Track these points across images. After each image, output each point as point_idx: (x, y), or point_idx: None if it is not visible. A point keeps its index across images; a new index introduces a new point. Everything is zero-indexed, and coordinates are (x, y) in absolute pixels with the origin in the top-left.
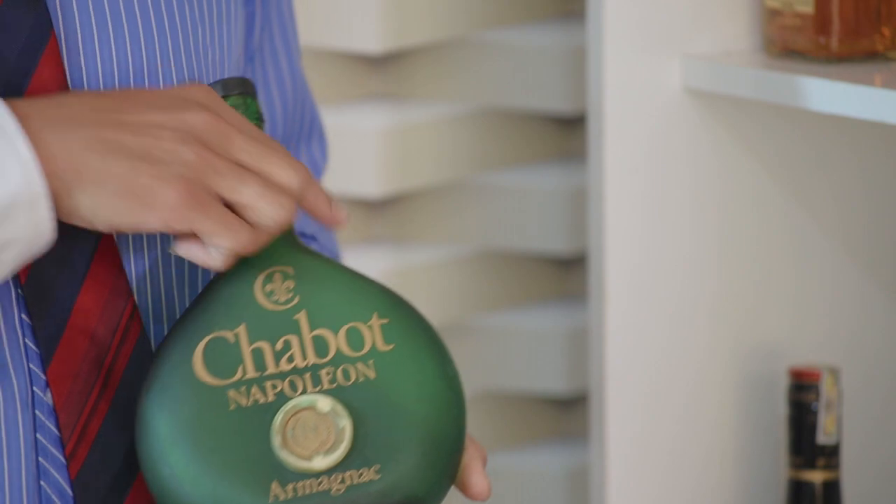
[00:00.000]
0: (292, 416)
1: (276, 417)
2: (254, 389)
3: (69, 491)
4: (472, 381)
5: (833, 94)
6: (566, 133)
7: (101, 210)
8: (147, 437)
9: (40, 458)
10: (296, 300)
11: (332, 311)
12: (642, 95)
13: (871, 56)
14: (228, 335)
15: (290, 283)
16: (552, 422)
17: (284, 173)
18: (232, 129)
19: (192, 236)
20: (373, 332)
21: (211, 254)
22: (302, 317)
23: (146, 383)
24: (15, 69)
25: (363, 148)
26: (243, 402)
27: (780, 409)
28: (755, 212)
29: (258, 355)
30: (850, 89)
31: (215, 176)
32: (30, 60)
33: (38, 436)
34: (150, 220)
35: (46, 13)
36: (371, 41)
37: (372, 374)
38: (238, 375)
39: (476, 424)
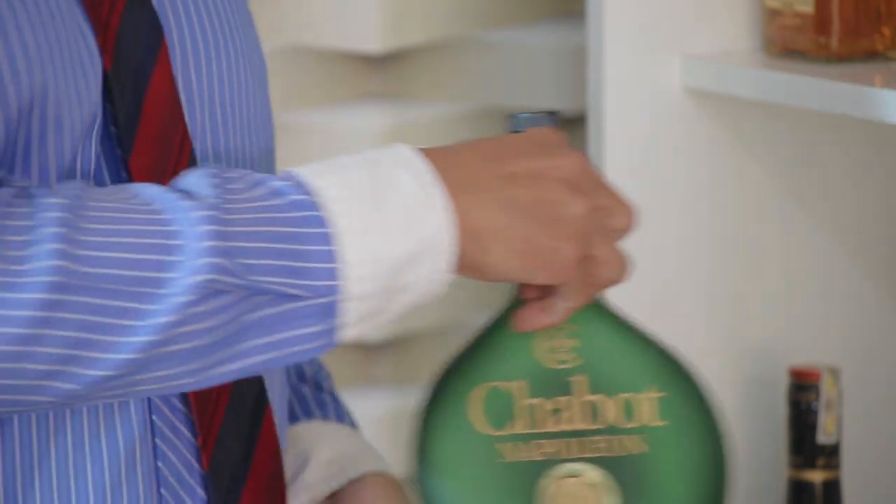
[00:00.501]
0: (559, 480)
1: (543, 480)
2: (523, 446)
3: (186, 475)
4: None
5: (833, 94)
6: (566, 133)
7: (501, 268)
8: (423, 465)
9: (157, 440)
10: (577, 361)
11: (610, 377)
12: (642, 95)
13: (871, 56)
14: (506, 386)
15: (574, 342)
16: None
17: (626, 221)
18: (596, 173)
19: (537, 298)
20: (649, 405)
21: (555, 311)
22: (580, 380)
23: (422, 410)
24: (136, 70)
25: (363, 148)
26: (511, 456)
27: (780, 409)
28: (754, 211)
29: (532, 412)
30: (850, 89)
31: (592, 233)
32: (149, 62)
33: (153, 418)
34: (542, 277)
35: (155, 13)
36: (371, 41)
37: (642, 449)
38: (510, 429)
39: None
